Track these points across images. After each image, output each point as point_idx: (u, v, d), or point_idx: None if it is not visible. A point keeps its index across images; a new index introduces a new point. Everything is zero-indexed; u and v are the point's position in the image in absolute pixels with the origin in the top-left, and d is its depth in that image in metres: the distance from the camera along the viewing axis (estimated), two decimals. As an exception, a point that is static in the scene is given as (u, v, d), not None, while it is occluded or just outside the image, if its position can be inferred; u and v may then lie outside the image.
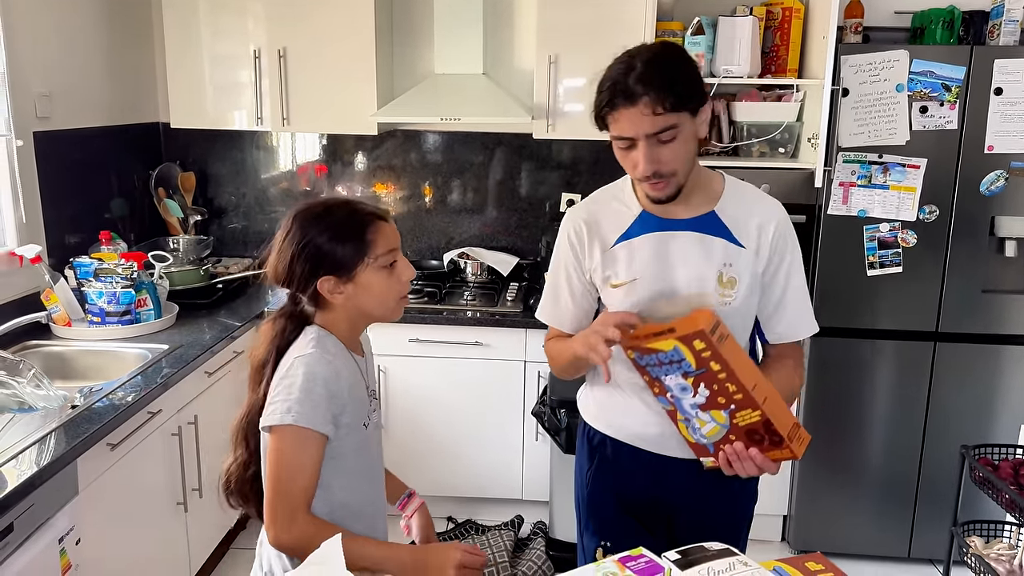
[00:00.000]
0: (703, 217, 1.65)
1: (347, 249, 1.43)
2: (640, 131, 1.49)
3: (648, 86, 1.46)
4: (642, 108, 1.47)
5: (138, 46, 3.59)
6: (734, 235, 1.64)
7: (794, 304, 1.70)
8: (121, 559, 2.32)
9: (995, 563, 2.35)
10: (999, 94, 2.87)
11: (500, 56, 3.60)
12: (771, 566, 1.14)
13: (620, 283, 1.67)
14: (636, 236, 1.67)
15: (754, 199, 1.70)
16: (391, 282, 1.48)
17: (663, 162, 1.52)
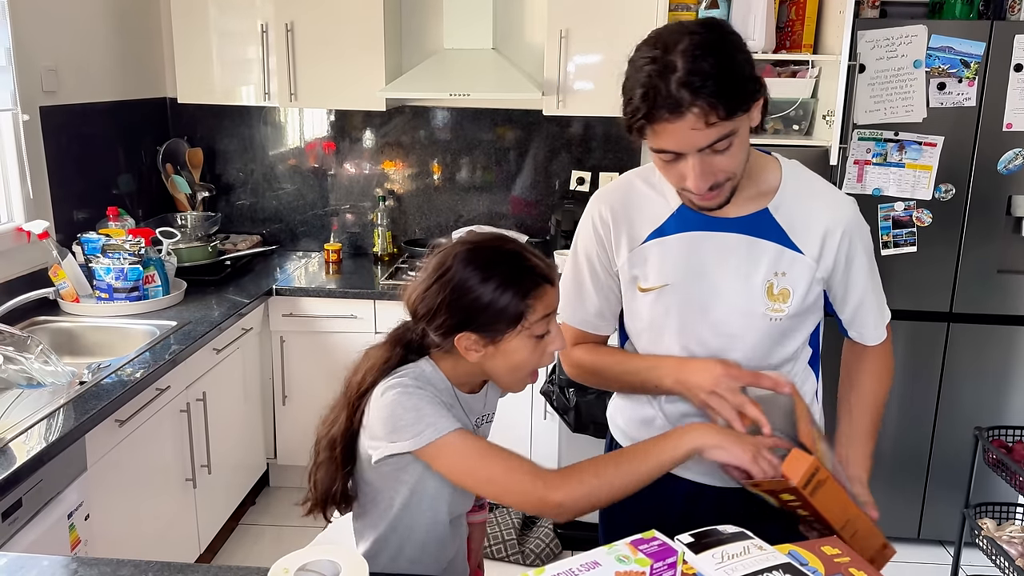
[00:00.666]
0: (753, 216, 1.39)
1: (502, 312, 1.25)
2: (690, 146, 1.23)
3: (697, 94, 1.17)
4: (691, 121, 1.19)
5: (145, 20, 3.55)
6: (791, 238, 1.39)
7: (873, 307, 1.51)
8: (130, 535, 2.33)
9: (1007, 545, 2.33)
10: (1019, 71, 2.82)
11: (510, 31, 3.55)
12: (786, 550, 1.12)
13: (649, 287, 1.44)
14: (671, 233, 1.42)
15: (818, 195, 1.43)
16: (535, 353, 1.30)
17: (717, 172, 1.27)
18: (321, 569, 1.05)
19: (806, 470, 1.23)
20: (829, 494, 1.27)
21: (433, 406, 1.28)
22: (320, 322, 3.28)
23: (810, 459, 1.24)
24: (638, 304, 1.47)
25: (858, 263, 1.44)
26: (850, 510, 1.31)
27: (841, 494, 1.30)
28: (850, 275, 1.44)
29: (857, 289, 1.46)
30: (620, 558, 0.96)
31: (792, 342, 1.46)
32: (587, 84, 3.23)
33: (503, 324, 1.26)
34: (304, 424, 3.39)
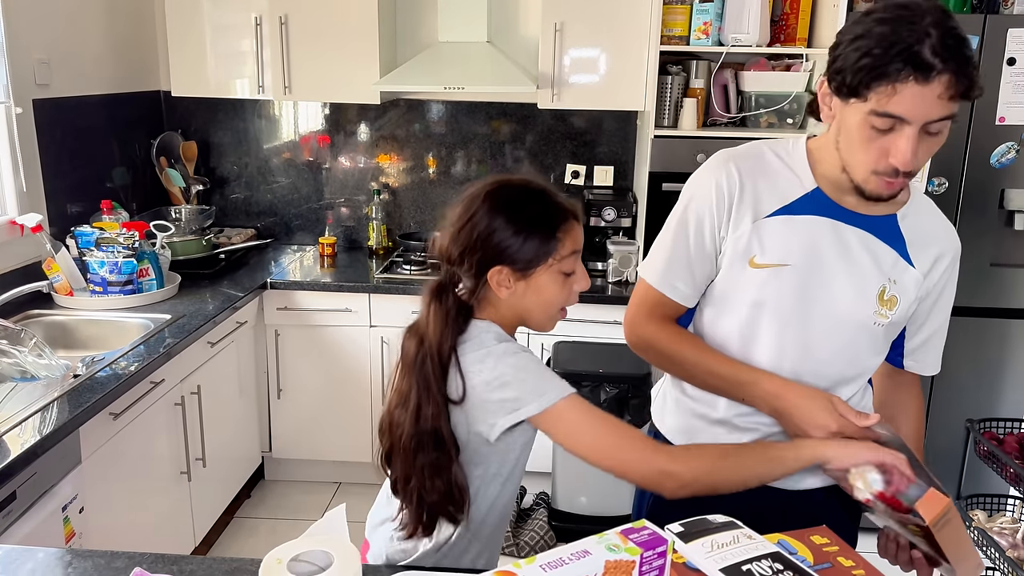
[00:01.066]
0: (882, 219, 1.38)
1: (533, 245, 1.27)
2: (924, 115, 1.18)
3: (948, 62, 1.15)
4: (938, 88, 1.15)
5: (138, 13, 3.54)
6: (908, 250, 1.39)
7: (940, 341, 1.52)
8: (125, 528, 2.33)
9: (998, 536, 2.34)
10: (1012, 64, 2.82)
11: (505, 24, 3.55)
12: (775, 539, 1.13)
13: (765, 264, 1.38)
14: (800, 213, 1.37)
15: (937, 218, 1.45)
16: (563, 290, 1.32)
17: (920, 158, 1.23)
18: (314, 559, 1.05)
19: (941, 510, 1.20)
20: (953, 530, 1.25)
21: (545, 367, 1.30)
22: (315, 315, 3.28)
23: (946, 500, 1.21)
24: (745, 281, 1.40)
25: (947, 294, 1.47)
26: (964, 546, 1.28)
27: (961, 526, 1.28)
28: (938, 303, 1.46)
29: (938, 319, 1.48)
30: (610, 547, 0.97)
31: (877, 353, 1.46)
32: (582, 77, 3.23)
33: (534, 258, 1.28)
34: (299, 417, 3.42)
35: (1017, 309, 3.02)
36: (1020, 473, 2.22)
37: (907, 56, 1.15)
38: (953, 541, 1.26)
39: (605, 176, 3.66)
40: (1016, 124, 2.86)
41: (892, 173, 1.24)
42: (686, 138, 3.11)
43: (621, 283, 3.27)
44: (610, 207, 3.36)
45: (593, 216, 3.38)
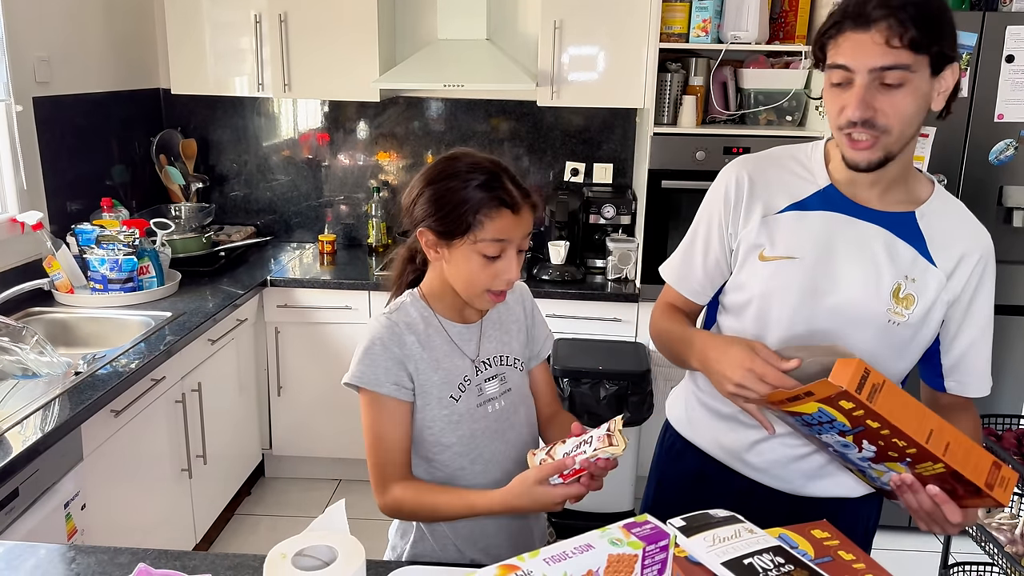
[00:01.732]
0: (899, 215, 1.36)
1: (455, 216, 1.31)
2: (864, 62, 1.21)
3: (892, 10, 1.18)
4: (874, 35, 1.19)
5: (138, 11, 3.54)
6: (928, 249, 1.36)
7: (984, 356, 1.44)
8: (126, 525, 2.34)
9: (996, 532, 2.35)
10: (1011, 61, 2.83)
11: (504, 21, 3.55)
12: (777, 533, 1.14)
13: (773, 257, 1.39)
14: (813, 210, 1.38)
15: (964, 218, 1.41)
16: (484, 273, 1.34)
17: (877, 110, 1.23)
18: (318, 554, 1.06)
19: (853, 371, 1.11)
20: (894, 398, 1.14)
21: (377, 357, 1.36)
22: (315, 313, 3.29)
23: (855, 360, 1.13)
24: (753, 274, 1.42)
25: (982, 299, 1.40)
26: (931, 418, 1.15)
27: (911, 399, 1.17)
28: (972, 308, 1.40)
29: (974, 328, 1.41)
30: (613, 541, 0.97)
31: (900, 358, 1.41)
32: (581, 75, 3.23)
33: (455, 228, 1.32)
34: (299, 414, 3.42)
35: (1015, 306, 3.03)
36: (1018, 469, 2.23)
37: (849, 10, 1.22)
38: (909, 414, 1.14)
39: (604, 174, 3.67)
40: (1015, 121, 2.87)
41: (849, 125, 1.26)
42: (685, 135, 3.11)
43: (620, 280, 3.27)
44: (609, 204, 3.37)
45: (592, 213, 3.39)
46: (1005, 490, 1.16)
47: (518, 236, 1.35)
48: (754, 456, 1.48)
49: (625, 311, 3.20)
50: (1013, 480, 1.18)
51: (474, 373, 1.43)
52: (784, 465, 1.46)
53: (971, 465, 1.16)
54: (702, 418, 1.56)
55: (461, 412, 1.41)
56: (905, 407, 1.15)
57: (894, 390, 1.14)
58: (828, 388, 1.13)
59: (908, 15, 1.18)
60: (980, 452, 1.17)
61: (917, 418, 1.15)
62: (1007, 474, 1.17)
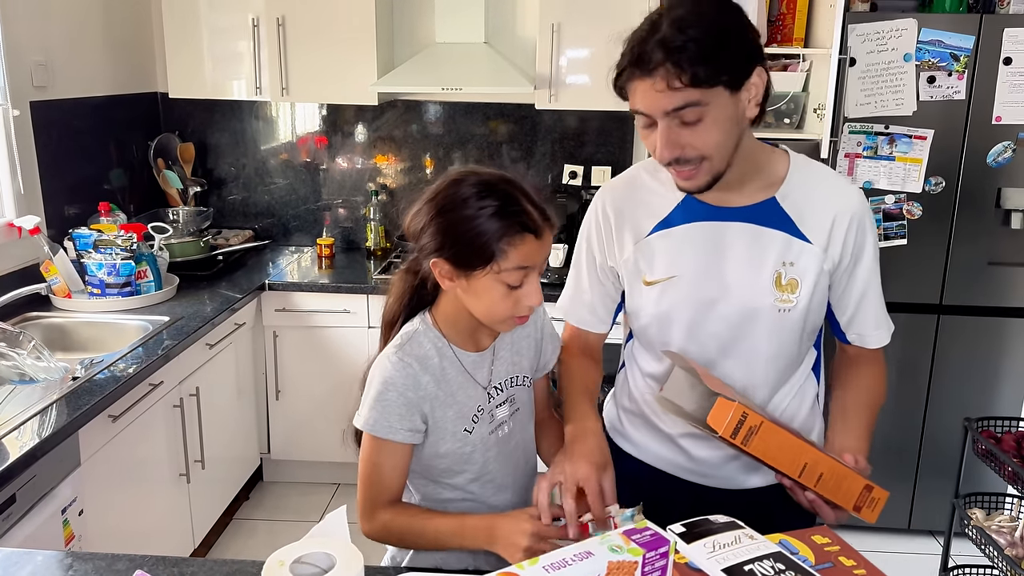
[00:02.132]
0: (760, 205, 1.37)
1: (475, 247, 1.22)
2: (655, 108, 1.23)
3: (668, 53, 1.18)
4: (656, 81, 1.20)
5: (135, 15, 3.54)
6: (798, 227, 1.36)
7: (874, 308, 1.46)
8: (124, 530, 2.33)
9: (996, 535, 2.35)
10: (1008, 64, 2.83)
11: (502, 24, 3.55)
12: (777, 539, 1.13)
13: (656, 280, 1.41)
14: (678, 224, 1.40)
15: (826, 184, 1.40)
16: (507, 301, 1.26)
17: (685, 146, 1.25)
18: (316, 561, 1.05)
19: (731, 417, 1.20)
20: (769, 439, 1.23)
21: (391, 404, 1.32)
22: (313, 317, 3.28)
23: (733, 404, 1.20)
24: (643, 299, 1.44)
25: (865, 256, 1.41)
26: (806, 454, 1.26)
27: (788, 438, 1.26)
28: (856, 267, 1.41)
29: (860, 283, 1.42)
30: (613, 548, 0.97)
31: (801, 340, 1.43)
32: (579, 78, 3.23)
33: (475, 259, 1.24)
34: (297, 419, 3.42)
35: (1014, 308, 3.03)
36: (1018, 471, 2.23)
37: (634, 54, 1.22)
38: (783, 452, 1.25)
39: (603, 176, 3.66)
40: (1012, 123, 2.87)
41: (668, 163, 1.28)
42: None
43: (619, 283, 3.27)
44: (608, 207, 3.36)
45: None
46: (873, 511, 1.31)
47: (540, 260, 1.28)
48: (694, 464, 1.50)
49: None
50: (882, 500, 1.31)
51: (486, 401, 1.40)
52: (721, 464, 1.49)
53: (841, 492, 1.29)
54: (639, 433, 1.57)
55: (475, 443, 1.38)
56: (780, 447, 1.25)
57: (771, 429, 1.24)
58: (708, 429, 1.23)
59: (684, 57, 1.17)
60: (853, 478, 1.29)
61: (792, 455, 1.26)
62: (878, 495, 1.31)
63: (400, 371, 1.32)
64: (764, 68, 1.26)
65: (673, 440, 1.51)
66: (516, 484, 1.47)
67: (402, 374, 1.32)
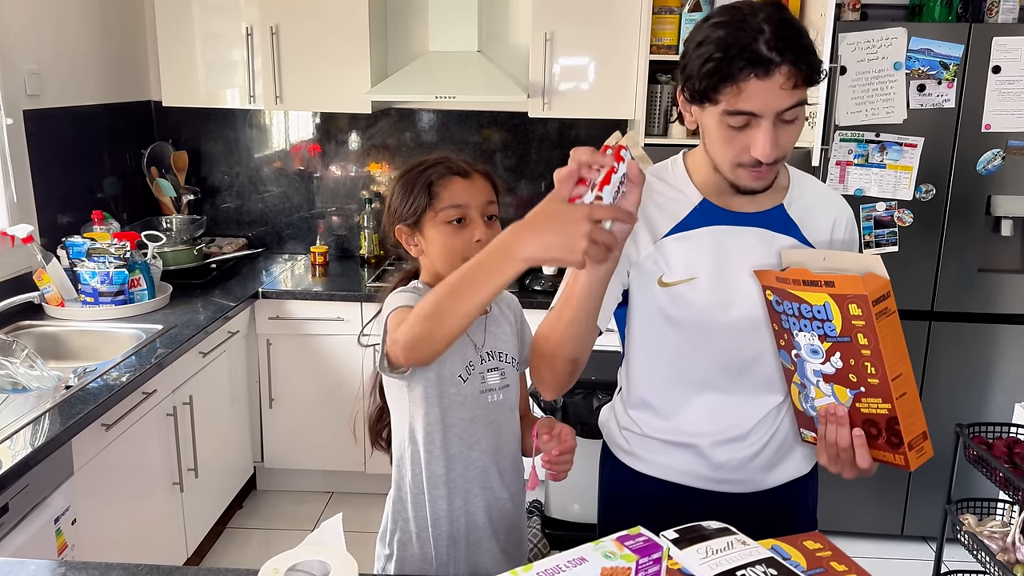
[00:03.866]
0: (770, 212, 1.42)
1: (413, 198, 1.45)
2: (773, 107, 1.24)
3: (785, 54, 1.21)
4: (780, 80, 1.21)
5: (129, 23, 3.54)
6: (803, 233, 1.43)
7: None
8: (117, 539, 2.32)
9: (988, 540, 2.36)
10: (997, 72, 2.86)
11: (495, 33, 3.56)
12: (769, 544, 1.14)
13: (674, 282, 1.43)
14: (694, 228, 1.42)
15: (822, 192, 1.50)
16: (457, 239, 1.42)
17: (782, 146, 1.28)
18: (311, 569, 1.05)
19: (881, 286, 1.22)
20: (893, 330, 1.23)
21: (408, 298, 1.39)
22: (307, 325, 3.28)
23: (885, 279, 1.23)
24: (657, 299, 1.44)
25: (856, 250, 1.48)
26: (907, 366, 1.24)
27: (902, 341, 1.25)
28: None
29: None
30: (606, 554, 0.97)
31: None
32: (572, 86, 3.25)
33: (415, 211, 1.44)
34: (291, 427, 3.41)
35: (1004, 314, 3.04)
36: (1009, 477, 2.24)
37: (746, 55, 1.21)
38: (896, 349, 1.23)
39: (596, 184, 3.67)
40: (1002, 131, 2.90)
41: (755, 164, 1.30)
42: (676, 146, 3.12)
43: (612, 291, 3.27)
44: (601, 215, 3.37)
45: (584, 224, 3.39)
46: (919, 457, 1.27)
47: (477, 200, 1.44)
48: (713, 470, 1.48)
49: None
50: (928, 454, 1.28)
51: (479, 361, 1.47)
52: (742, 466, 1.48)
53: (909, 421, 1.25)
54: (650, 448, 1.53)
55: (466, 394, 1.45)
56: (896, 342, 1.24)
57: (896, 323, 1.24)
58: (851, 286, 1.21)
59: (799, 56, 1.22)
60: (921, 416, 1.27)
61: (898, 357, 1.24)
62: (927, 448, 1.28)
63: (410, 291, 1.45)
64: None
65: (694, 448, 1.49)
66: (500, 462, 1.51)
67: (412, 292, 1.44)
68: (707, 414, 1.47)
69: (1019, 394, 2.96)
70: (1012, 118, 2.88)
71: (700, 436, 1.48)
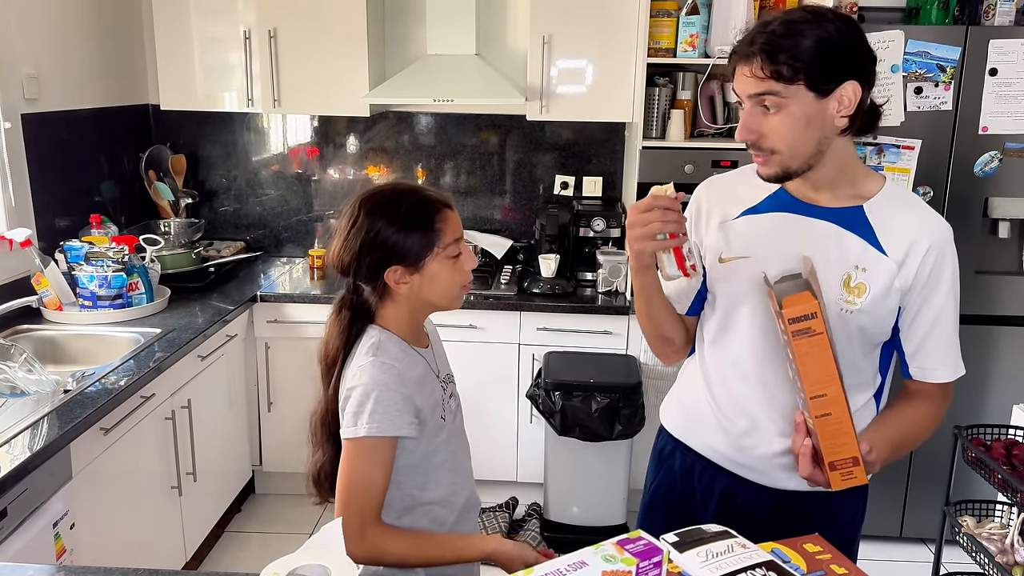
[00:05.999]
0: (848, 210, 1.44)
1: (416, 239, 1.39)
2: (744, 90, 1.37)
3: (761, 46, 1.33)
4: (751, 67, 1.34)
5: (127, 27, 3.54)
6: (878, 238, 1.43)
7: (943, 341, 1.47)
8: (116, 543, 2.32)
9: (987, 542, 2.37)
10: (994, 75, 2.86)
11: (493, 37, 3.57)
12: (769, 548, 1.14)
13: (730, 258, 1.50)
14: (764, 212, 1.50)
15: (915, 210, 1.46)
16: (455, 272, 1.43)
17: (761, 133, 1.37)
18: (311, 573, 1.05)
19: (804, 307, 1.27)
20: (814, 351, 1.29)
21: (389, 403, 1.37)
22: (305, 328, 3.28)
23: (813, 300, 1.27)
24: (715, 276, 1.53)
25: (942, 288, 1.43)
26: (833, 388, 1.29)
27: (830, 364, 1.29)
28: (929, 296, 1.43)
29: (931, 313, 1.44)
30: (607, 557, 0.97)
31: (861, 348, 1.47)
32: (570, 89, 3.25)
33: (421, 251, 1.39)
34: (290, 430, 3.41)
35: (1002, 316, 3.05)
36: (1007, 479, 2.25)
37: (741, 44, 1.37)
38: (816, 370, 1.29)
39: (594, 187, 3.68)
40: (999, 134, 2.90)
41: (748, 146, 1.41)
42: (674, 149, 3.13)
43: (611, 293, 3.28)
44: (599, 217, 3.38)
45: (583, 227, 3.40)
46: (844, 480, 1.32)
47: (461, 229, 1.46)
48: (741, 454, 1.54)
49: (616, 324, 3.21)
50: (857, 481, 1.32)
51: (443, 391, 1.51)
52: (768, 460, 1.52)
53: (832, 444, 1.31)
54: (691, 418, 1.64)
55: (449, 430, 1.48)
56: (820, 363, 1.29)
57: (823, 345, 1.28)
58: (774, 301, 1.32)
59: (772, 51, 1.32)
60: (851, 441, 1.31)
61: (822, 377, 1.29)
62: (858, 474, 1.31)
63: (386, 372, 1.38)
64: (862, 85, 1.36)
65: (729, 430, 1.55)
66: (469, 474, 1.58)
67: (389, 374, 1.38)
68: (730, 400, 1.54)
69: (1017, 396, 2.96)
70: (1009, 120, 2.89)
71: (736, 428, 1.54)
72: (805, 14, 1.36)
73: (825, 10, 1.37)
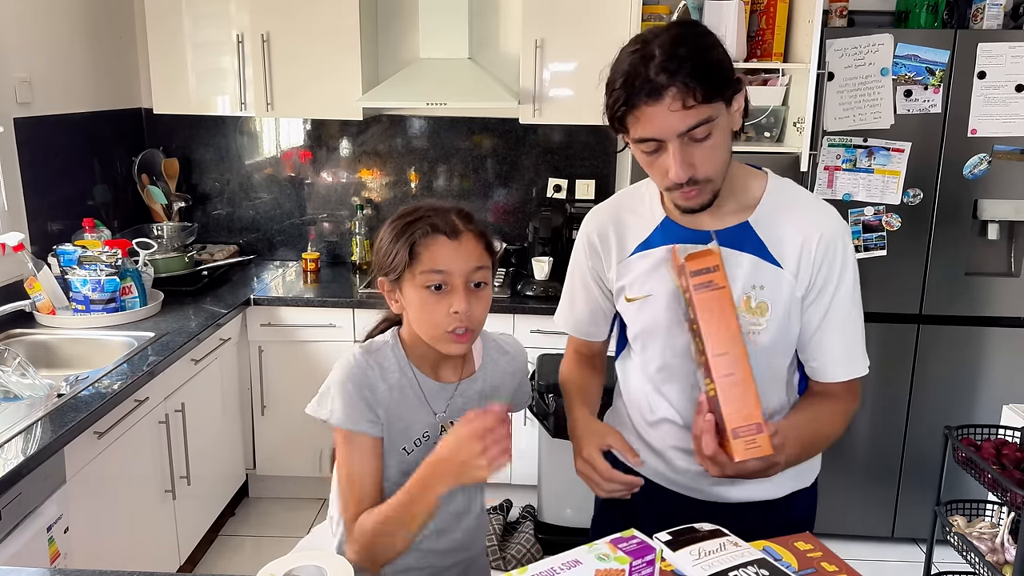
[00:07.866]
0: (733, 229, 1.38)
1: (396, 254, 1.30)
2: (670, 130, 1.24)
3: (674, 75, 1.20)
4: (669, 103, 1.21)
5: (120, 31, 3.54)
6: (770, 251, 1.37)
7: (837, 337, 1.40)
8: (110, 547, 2.32)
9: (977, 541, 2.38)
10: (982, 78, 2.89)
11: (486, 40, 3.58)
12: (761, 546, 1.15)
13: (635, 297, 1.46)
14: (655, 246, 1.44)
15: (799, 207, 1.40)
16: (434, 307, 1.28)
17: (698, 165, 1.27)
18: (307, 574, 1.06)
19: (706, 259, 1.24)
20: (717, 306, 1.23)
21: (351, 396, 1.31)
22: (298, 331, 3.28)
23: (716, 254, 1.25)
24: (628, 314, 1.50)
25: (832, 282, 1.38)
26: (736, 347, 1.22)
27: (733, 324, 1.23)
28: (820, 292, 1.38)
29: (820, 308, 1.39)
30: (600, 556, 0.98)
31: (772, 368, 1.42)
32: (562, 92, 3.27)
33: (395, 266, 1.30)
34: (283, 434, 3.41)
35: (991, 317, 3.07)
36: (998, 478, 2.26)
37: (638, 82, 1.23)
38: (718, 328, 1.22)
39: (587, 190, 3.70)
40: (987, 136, 2.93)
41: (676, 186, 1.29)
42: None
43: (604, 296, 3.29)
44: (592, 220, 3.39)
45: (576, 229, 3.40)
46: (747, 449, 1.19)
47: (461, 266, 1.28)
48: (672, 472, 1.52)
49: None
50: (763, 451, 1.19)
51: (436, 432, 1.38)
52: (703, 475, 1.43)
53: (736, 407, 1.20)
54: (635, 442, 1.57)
55: (411, 464, 1.33)
56: (722, 320, 1.23)
57: (725, 300, 1.24)
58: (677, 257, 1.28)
59: (690, 74, 1.20)
60: (755, 407, 1.20)
61: (725, 336, 1.23)
62: (763, 443, 1.19)
63: (361, 370, 1.33)
64: (742, 81, 1.31)
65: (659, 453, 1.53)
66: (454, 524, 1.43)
67: (362, 373, 1.33)
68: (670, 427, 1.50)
69: (1006, 396, 2.99)
70: (997, 123, 2.91)
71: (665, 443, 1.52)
72: (681, 29, 1.27)
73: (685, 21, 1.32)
